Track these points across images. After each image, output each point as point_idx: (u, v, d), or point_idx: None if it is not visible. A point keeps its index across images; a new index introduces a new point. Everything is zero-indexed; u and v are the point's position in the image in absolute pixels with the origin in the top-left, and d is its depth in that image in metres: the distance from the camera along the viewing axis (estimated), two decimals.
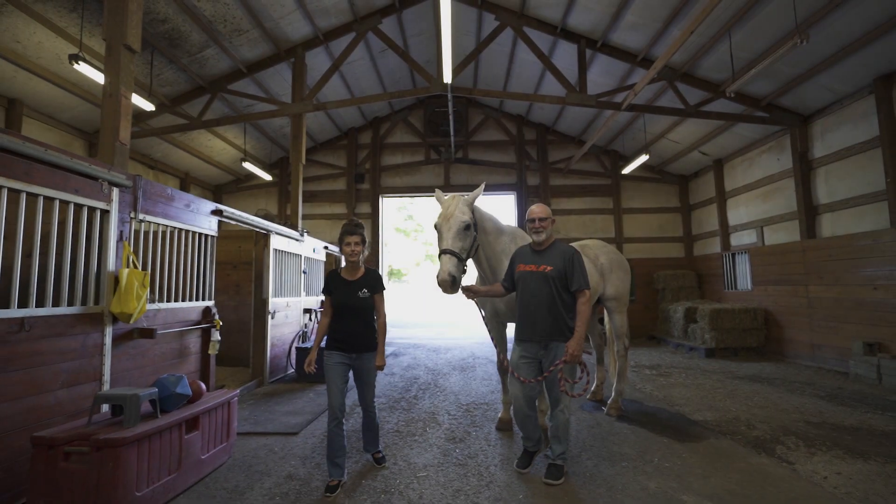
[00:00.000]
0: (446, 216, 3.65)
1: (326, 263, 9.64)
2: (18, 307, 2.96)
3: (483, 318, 4.21)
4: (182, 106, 8.72)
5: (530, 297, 3.33)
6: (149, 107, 7.36)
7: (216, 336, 5.09)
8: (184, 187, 11.26)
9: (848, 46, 6.25)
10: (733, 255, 10.32)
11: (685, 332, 9.93)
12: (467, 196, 3.84)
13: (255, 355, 6.69)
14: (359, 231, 3.37)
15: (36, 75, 6.77)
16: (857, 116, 7.07)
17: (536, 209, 3.47)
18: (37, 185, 3.08)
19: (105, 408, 3.32)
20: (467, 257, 3.67)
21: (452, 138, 11.66)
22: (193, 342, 4.90)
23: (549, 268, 3.30)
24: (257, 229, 6.62)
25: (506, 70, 10.50)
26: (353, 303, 3.32)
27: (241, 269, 8.13)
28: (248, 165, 10.41)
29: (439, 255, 3.59)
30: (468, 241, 3.67)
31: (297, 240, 7.89)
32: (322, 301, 8.21)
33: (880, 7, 5.57)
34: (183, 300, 4.75)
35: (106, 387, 3.57)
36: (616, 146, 12.18)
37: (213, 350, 5.07)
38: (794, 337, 8.25)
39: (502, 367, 4.36)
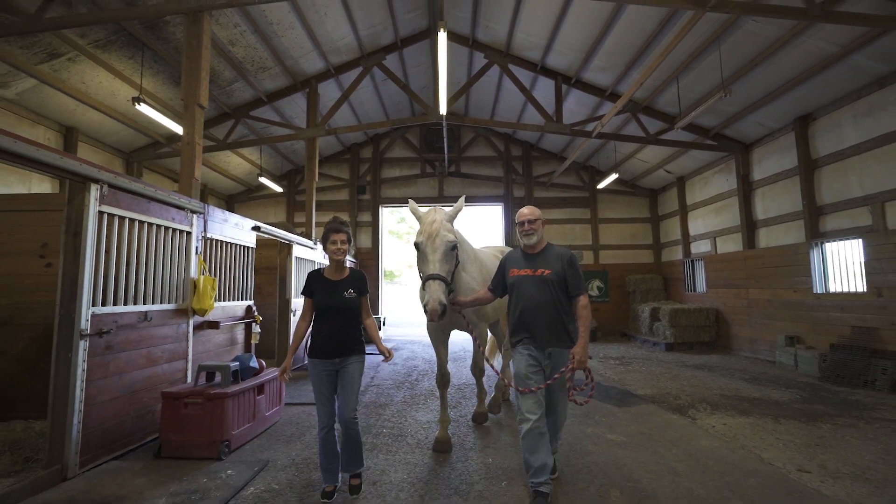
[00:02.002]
0: (430, 235, 3.35)
1: None
2: (144, 303, 4.18)
3: (484, 351, 4.09)
4: (210, 129, 9.89)
5: (528, 303, 3.13)
6: None
7: (257, 329, 6.33)
8: (202, 198, 12.35)
9: (772, 93, 7.65)
10: (692, 261, 11.75)
11: (651, 329, 11.29)
12: (448, 210, 3.60)
13: (280, 347, 7.90)
14: (344, 229, 3.20)
15: (92, 108, 7.93)
16: (784, 148, 8.49)
17: (526, 211, 3.29)
18: (153, 216, 4.30)
19: (189, 377, 4.58)
20: (452, 280, 3.41)
21: (446, 154, 12.97)
22: (240, 333, 6.13)
23: (547, 271, 3.14)
24: (282, 240, 7.85)
25: (493, 97, 11.83)
26: (339, 303, 3.13)
27: (261, 273, 9.31)
28: (263, 180, 11.61)
29: (424, 281, 3.28)
30: (453, 262, 3.42)
31: (311, 248, 9.12)
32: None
33: (793, 65, 6.96)
34: (232, 300, 5.96)
35: (189, 365, 4.79)
36: (593, 162, 13.56)
37: (254, 340, 6.31)
38: (737, 333, 9.66)
39: (475, 369, 4.55)
